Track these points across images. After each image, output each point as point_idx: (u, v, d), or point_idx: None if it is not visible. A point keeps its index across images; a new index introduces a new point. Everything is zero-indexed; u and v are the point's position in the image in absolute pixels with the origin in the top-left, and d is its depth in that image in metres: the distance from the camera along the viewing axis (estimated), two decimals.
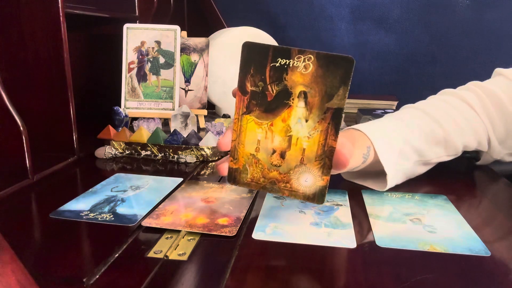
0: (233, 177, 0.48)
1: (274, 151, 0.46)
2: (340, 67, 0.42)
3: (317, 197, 0.45)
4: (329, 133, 0.43)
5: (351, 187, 0.62)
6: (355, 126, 0.59)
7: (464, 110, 0.65)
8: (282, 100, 0.44)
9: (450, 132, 0.62)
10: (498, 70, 0.70)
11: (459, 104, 0.65)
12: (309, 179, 0.45)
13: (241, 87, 0.45)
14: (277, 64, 0.44)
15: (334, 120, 0.43)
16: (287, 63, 0.43)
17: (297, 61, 0.43)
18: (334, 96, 0.43)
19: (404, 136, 0.60)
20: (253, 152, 0.46)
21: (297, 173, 0.45)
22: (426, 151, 0.62)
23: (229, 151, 0.47)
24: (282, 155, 0.45)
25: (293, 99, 0.44)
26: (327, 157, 0.44)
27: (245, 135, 0.46)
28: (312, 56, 0.43)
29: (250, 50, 0.44)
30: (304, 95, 0.44)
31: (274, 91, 0.44)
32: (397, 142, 0.59)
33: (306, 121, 0.44)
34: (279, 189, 0.46)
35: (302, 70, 0.43)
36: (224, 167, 0.48)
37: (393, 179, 0.59)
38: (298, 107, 0.44)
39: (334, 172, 0.48)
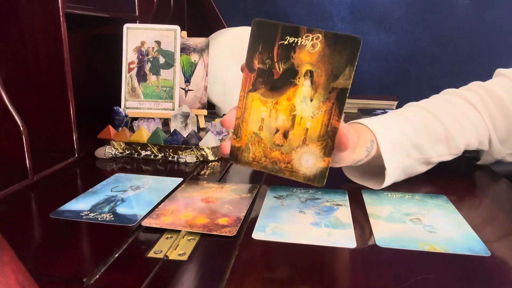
0: (235, 156, 0.47)
1: (277, 130, 0.46)
2: (347, 47, 0.42)
3: (317, 179, 0.45)
4: (333, 113, 0.43)
5: (351, 187, 0.62)
6: (359, 121, 0.60)
7: (466, 109, 0.65)
8: (288, 79, 0.44)
9: (452, 131, 0.62)
10: (499, 70, 0.70)
11: (461, 104, 0.66)
12: (310, 160, 0.45)
13: (249, 64, 0.45)
14: (286, 42, 0.44)
15: (339, 100, 0.43)
16: (295, 41, 0.43)
17: (305, 39, 0.43)
18: (340, 76, 0.43)
19: (407, 134, 0.60)
20: (256, 131, 0.46)
21: (298, 153, 0.45)
22: (428, 149, 0.62)
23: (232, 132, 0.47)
24: (285, 135, 0.45)
25: (299, 78, 0.44)
26: (329, 138, 0.44)
27: (250, 113, 0.46)
28: (320, 35, 0.43)
29: (259, 28, 0.44)
30: (310, 74, 0.44)
31: (281, 69, 0.44)
32: (399, 139, 0.59)
33: (311, 100, 0.44)
34: (280, 170, 0.46)
35: (309, 49, 0.43)
36: (226, 145, 0.47)
37: (391, 175, 0.59)
38: (304, 86, 0.44)
39: (337, 161, 0.47)
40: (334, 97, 0.43)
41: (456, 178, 0.68)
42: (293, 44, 0.43)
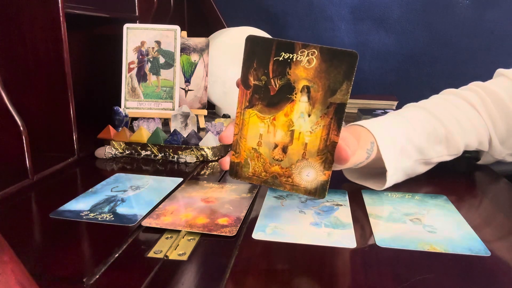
0: (234, 171, 0.48)
1: (276, 146, 0.46)
2: (343, 62, 0.42)
3: (318, 192, 0.45)
4: (332, 128, 0.43)
5: (351, 187, 0.62)
6: (359, 123, 0.60)
7: (466, 109, 0.65)
8: (285, 95, 0.44)
9: (452, 132, 0.62)
10: (499, 70, 0.70)
11: (461, 104, 0.66)
12: (310, 174, 0.45)
13: (244, 81, 0.45)
14: (281, 58, 0.43)
15: (337, 115, 0.43)
16: (290, 57, 0.43)
17: (300, 55, 0.43)
18: (337, 91, 0.42)
19: (407, 134, 0.60)
20: (255, 146, 0.46)
21: (298, 167, 0.45)
22: (428, 150, 0.62)
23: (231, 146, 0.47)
24: (284, 150, 0.45)
25: (296, 94, 0.44)
26: (329, 152, 0.44)
27: (247, 129, 0.46)
28: (315, 51, 0.42)
29: (253, 44, 0.44)
30: (307, 89, 0.43)
31: (277, 85, 0.44)
32: (399, 140, 0.59)
33: (309, 115, 0.44)
34: (280, 184, 0.46)
35: (305, 65, 0.43)
36: (226, 160, 0.48)
37: (392, 176, 0.59)
38: (301, 102, 0.44)
39: (336, 167, 0.47)
40: (332, 112, 0.43)
41: (456, 178, 0.68)
42: (289, 60, 0.43)
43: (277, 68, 0.44)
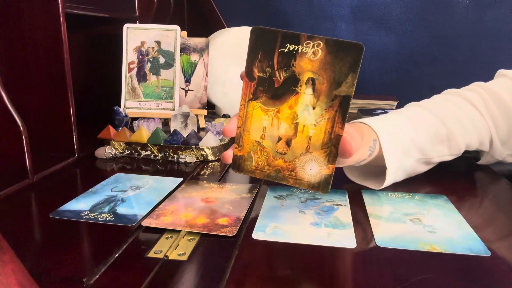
0: (237, 165, 0.47)
1: (279, 139, 0.45)
2: (349, 54, 0.41)
3: (322, 186, 0.45)
4: (336, 121, 0.43)
5: (351, 187, 0.62)
6: (361, 120, 0.60)
7: (468, 110, 0.65)
8: (289, 87, 0.44)
9: (453, 132, 0.62)
10: (501, 71, 0.70)
11: (463, 104, 0.66)
12: (314, 168, 0.45)
13: (249, 73, 0.45)
14: (286, 50, 0.43)
15: (342, 108, 0.43)
16: (295, 49, 0.43)
17: (306, 47, 0.43)
18: (342, 83, 0.42)
19: (409, 133, 0.60)
20: (258, 139, 0.46)
21: (302, 161, 0.45)
22: (429, 149, 0.62)
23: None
24: (288, 143, 0.45)
25: (300, 86, 0.44)
26: (333, 145, 0.44)
27: (251, 121, 0.46)
28: (321, 42, 0.42)
29: (258, 35, 0.44)
30: (312, 82, 0.43)
31: (282, 78, 0.44)
32: (401, 139, 0.59)
33: (313, 108, 0.44)
34: (283, 177, 0.46)
35: (310, 56, 0.43)
36: (228, 154, 0.47)
37: (392, 174, 0.59)
38: (306, 94, 0.44)
39: (339, 162, 0.47)
40: (337, 104, 0.43)
41: (456, 178, 0.68)
42: (294, 52, 0.43)
43: (282, 60, 0.43)
